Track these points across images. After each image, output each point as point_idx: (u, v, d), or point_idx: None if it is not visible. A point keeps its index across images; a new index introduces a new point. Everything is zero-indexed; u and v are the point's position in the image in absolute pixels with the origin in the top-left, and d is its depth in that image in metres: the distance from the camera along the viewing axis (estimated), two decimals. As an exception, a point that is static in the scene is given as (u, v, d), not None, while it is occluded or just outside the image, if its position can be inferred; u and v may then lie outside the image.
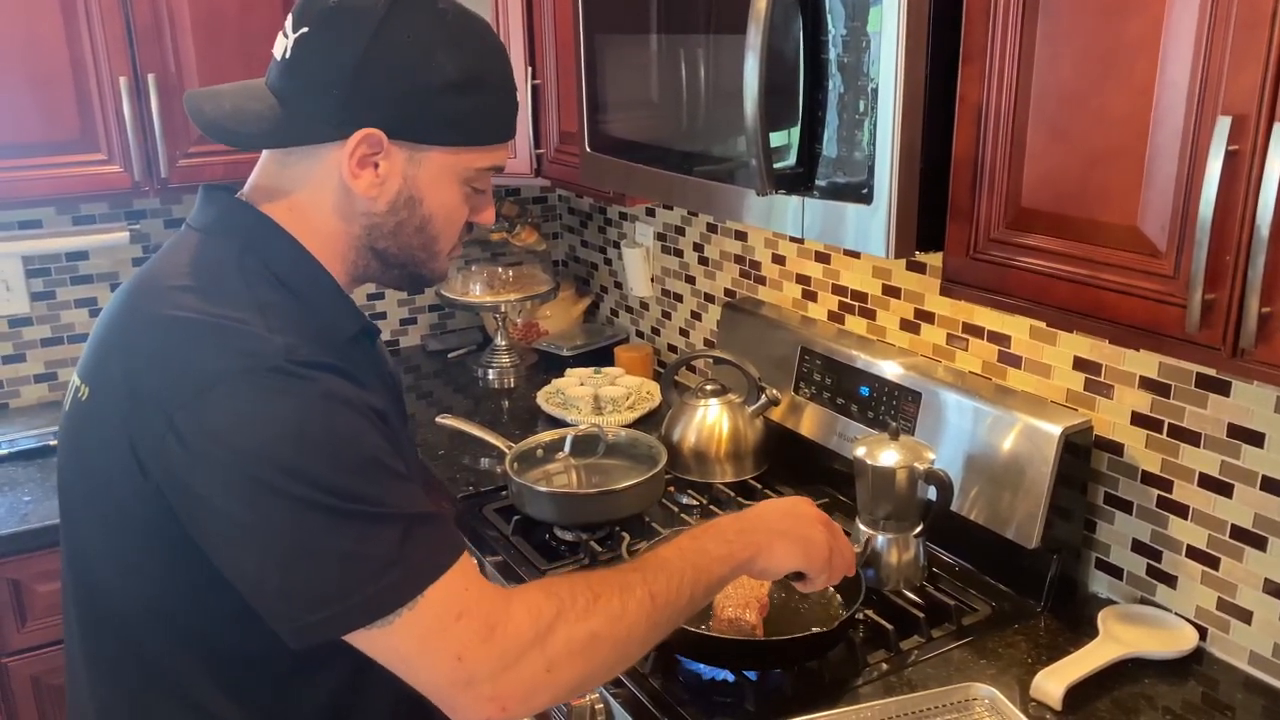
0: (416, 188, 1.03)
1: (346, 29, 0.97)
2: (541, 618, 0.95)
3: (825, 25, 1.29)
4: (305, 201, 1.03)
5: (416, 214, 1.04)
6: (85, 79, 2.05)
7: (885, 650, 1.46)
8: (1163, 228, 1.05)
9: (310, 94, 0.99)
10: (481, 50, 1.03)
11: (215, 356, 0.91)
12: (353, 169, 1.00)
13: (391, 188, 1.02)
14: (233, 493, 0.89)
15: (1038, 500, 1.53)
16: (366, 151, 0.99)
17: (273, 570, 0.90)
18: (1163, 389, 1.48)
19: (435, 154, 1.02)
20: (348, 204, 1.03)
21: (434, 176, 1.03)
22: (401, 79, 0.98)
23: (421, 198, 1.04)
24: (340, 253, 1.05)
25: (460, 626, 0.92)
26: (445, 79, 0.99)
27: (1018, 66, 1.16)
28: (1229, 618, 1.45)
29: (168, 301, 0.96)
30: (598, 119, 1.81)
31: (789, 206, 1.39)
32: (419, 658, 0.92)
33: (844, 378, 1.88)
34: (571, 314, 2.85)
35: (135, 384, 0.93)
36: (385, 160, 1.00)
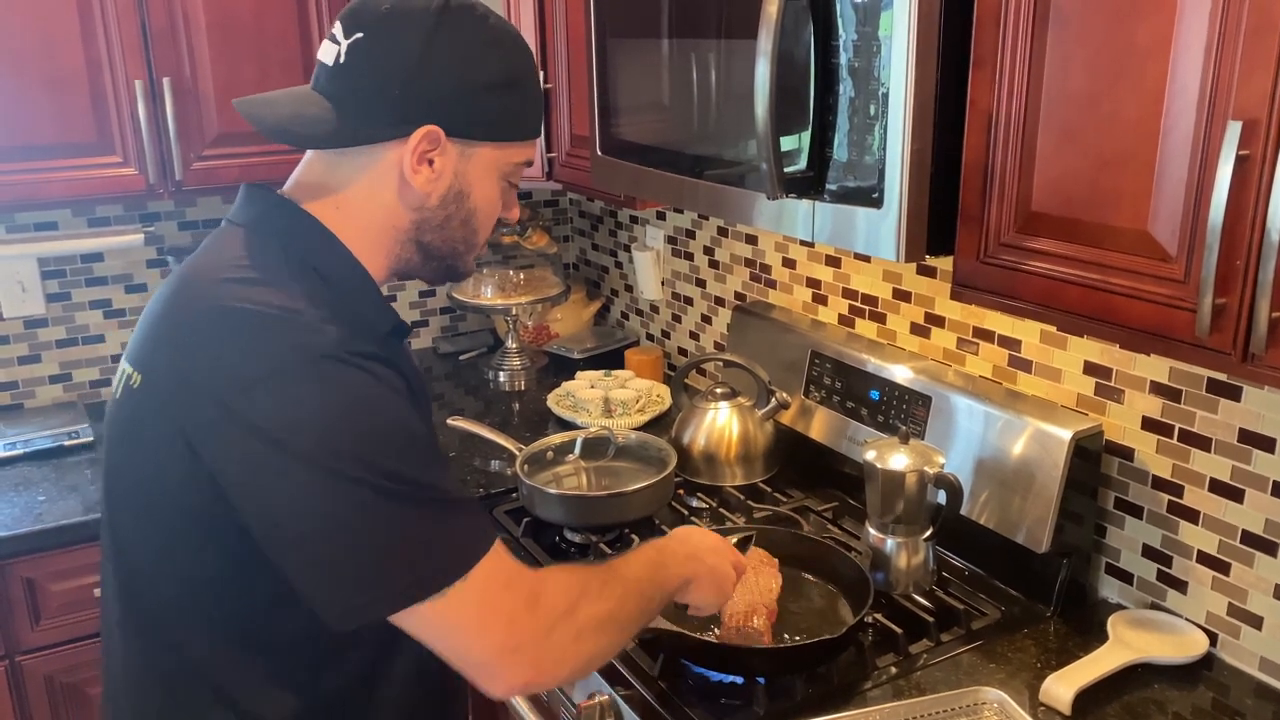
0: (466, 182, 1.09)
1: (401, 33, 1.02)
2: (570, 592, 1.06)
3: (836, 30, 1.30)
4: (354, 199, 1.07)
5: (464, 208, 1.10)
6: (101, 82, 2.07)
7: (894, 654, 1.46)
8: (1173, 232, 1.05)
9: (367, 95, 1.03)
10: (517, 51, 1.09)
11: (271, 346, 0.95)
12: (413, 165, 1.04)
13: (444, 183, 1.07)
14: (288, 477, 0.93)
15: (1048, 505, 1.53)
16: (426, 148, 1.04)
17: (325, 553, 0.94)
18: (1173, 394, 1.48)
19: (483, 149, 1.08)
20: (400, 199, 1.07)
21: (481, 171, 1.09)
22: (454, 78, 1.03)
23: (469, 192, 1.09)
24: (385, 246, 1.09)
25: (509, 595, 1.00)
26: (491, 78, 1.05)
27: (1028, 71, 1.16)
28: (1239, 623, 1.45)
29: (221, 293, 0.99)
30: (609, 123, 1.82)
31: (799, 210, 1.40)
32: (473, 625, 0.98)
33: (854, 381, 1.88)
34: (582, 317, 2.86)
35: (189, 372, 0.96)
36: (440, 156, 1.05)
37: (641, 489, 1.78)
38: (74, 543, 1.97)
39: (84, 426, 2.29)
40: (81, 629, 2.02)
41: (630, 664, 1.45)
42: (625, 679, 1.44)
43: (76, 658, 2.03)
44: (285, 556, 0.96)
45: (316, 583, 0.96)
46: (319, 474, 0.92)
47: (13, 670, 2.00)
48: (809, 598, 1.58)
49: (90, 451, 2.26)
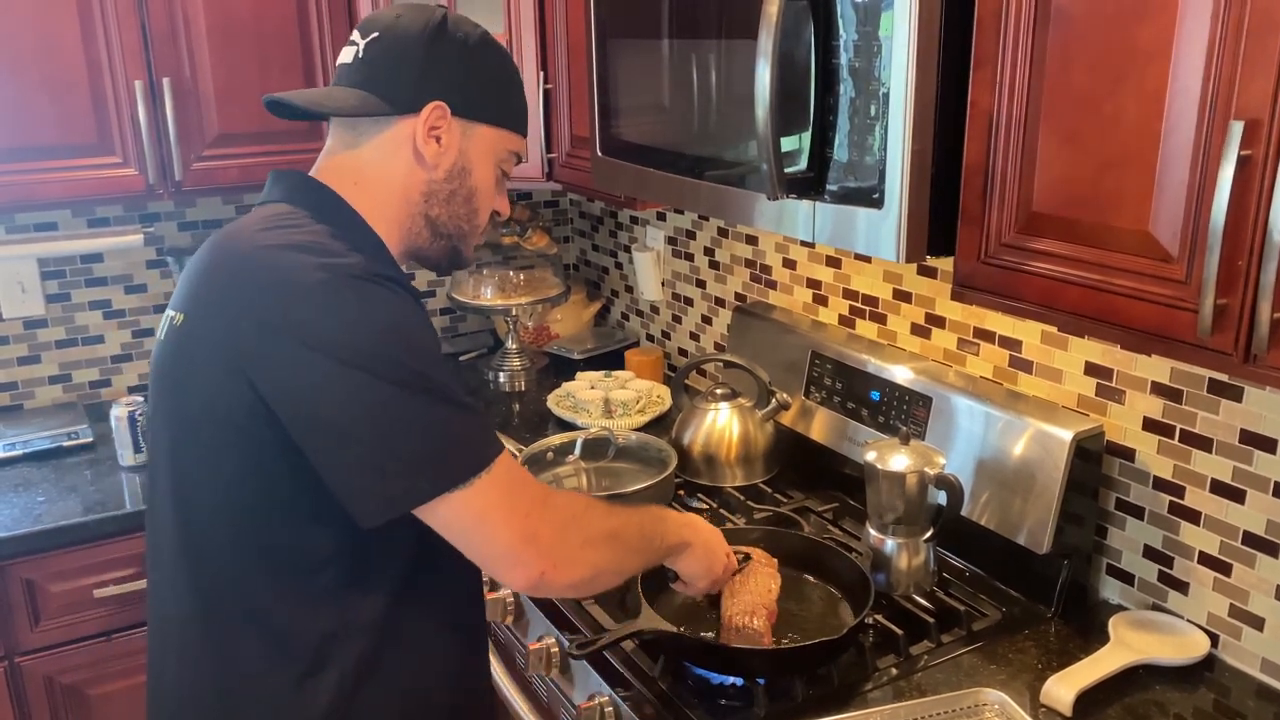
0: (468, 159, 1.22)
1: (414, 24, 1.18)
2: (576, 502, 1.23)
3: (837, 30, 1.29)
4: (371, 173, 1.19)
5: (466, 184, 1.23)
6: (101, 83, 2.06)
7: (895, 655, 1.46)
8: (1175, 233, 1.05)
9: (385, 78, 1.17)
10: (508, 57, 1.26)
11: (304, 271, 1.05)
12: (425, 135, 1.17)
13: (449, 157, 1.20)
14: (328, 378, 1.02)
15: (1048, 505, 1.53)
16: (435, 122, 1.18)
17: (364, 446, 1.03)
18: (1174, 394, 1.47)
19: (483, 130, 1.22)
20: (412, 172, 1.19)
21: (481, 152, 1.23)
22: (462, 63, 1.19)
23: (471, 169, 1.22)
24: (399, 219, 1.21)
25: (525, 491, 1.12)
26: (491, 72, 1.22)
27: (1029, 72, 1.16)
28: (1241, 624, 1.44)
29: (255, 241, 1.10)
30: (609, 123, 1.82)
31: (800, 211, 1.39)
32: (496, 513, 1.08)
33: (854, 382, 1.88)
34: (582, 317, 2.86)
35: (229, 300, 1.07)
36: (447, 133, 1.19)
37: (642, 490, 1.78)
38: (73, 544, 1.97)
39: (83, 427, 2.29)
40: (81, 630, 2.02)
41: (631, 665, 1.45)
42: (626, 680, 1.43)
43: (76, 659, 2.03)
44: (326, 456, 1.04)
45: (355, 476, 1.04)
46: (358, 374, 1.02)
47: (12, 671, 1.99)
48: (809, 599, 1.58)
49: (90, 452, 2.25)
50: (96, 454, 2.25)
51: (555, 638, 1.61)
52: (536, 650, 1.61)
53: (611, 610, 1.60)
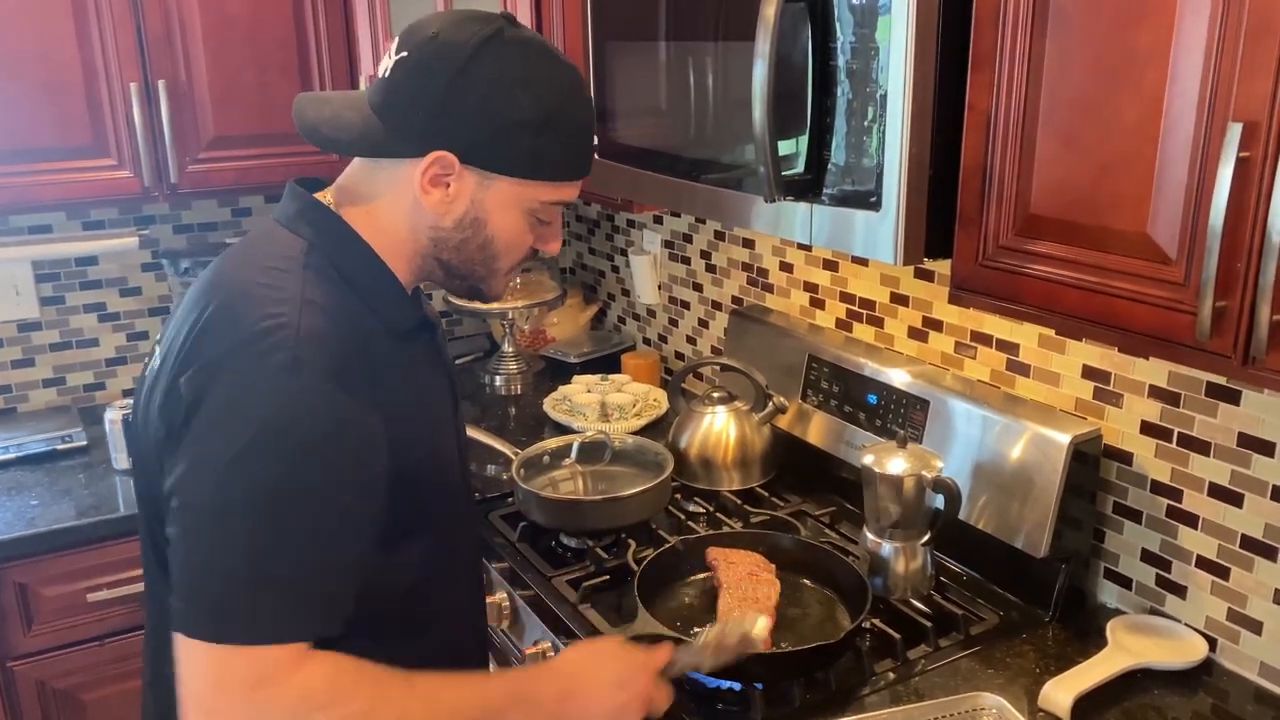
0: (483, 210, 1.12)
1: (438, 60, 1.06)
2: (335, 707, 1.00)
3: (834, 32, 1.29)
4: (382, 208, 1.12)
5: (480, 234, 1.13)
6: (96, 85, 2.06)
7: (892, 659, 1.46)
8: (1173, 235, 1.04)
9: (399, 112, 1.07)
10: (561, 94, 1.10)
11: (227, 343, 1.01)
12: (424, 185, 1.09)
13: (459, 207, 1.11)
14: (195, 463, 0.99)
15: (1046, 509, 1.52)
16: (439, 171, 1.08)
17: (182, 547, 0.99)
18: (1172, 398, 1.47)
19: (503, 183, 1.10)
20: (418, 215, 1.11)
21: (500, 203, 1.12)
22: (480, 111, 1.06)
23: (486, 220, 1.12)
24: (407, 256, 1.14)
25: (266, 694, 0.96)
26: (521, 117, 1.07)
27: (1027, 74, 1.15)
28: (1239, 628, 1.44)
29: (224, 288, 1.07)
30: (606, 126, 1.82)
31: (797, 213, 1.39)
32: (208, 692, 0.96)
33: (852, 385, 1.88)
34: (579, 321, 2.85)
35: (170, 351, 1.06)
36: (456, 181, 1.09)
37: (638, 494, 1.77)
38: (67, 547, 1.97)
39: (77, 430, 2.28)
40: (74, 634, 2.01)
41: (627, 669, 1.44)
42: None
43: (69, 664, 2.02)
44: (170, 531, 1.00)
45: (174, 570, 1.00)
46: (218, 473, 0.97)
47: (4, 676, 1.98)
48: (807, 603, 1.58)
49: (84, 456, 2.25)
50: (90, 457, 2.24)
51: (551, 642, 1.60)
52: (533, 654, 1.61)
53: (608, 614, 1.59)
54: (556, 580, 1.70)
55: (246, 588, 0.96)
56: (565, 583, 1.69)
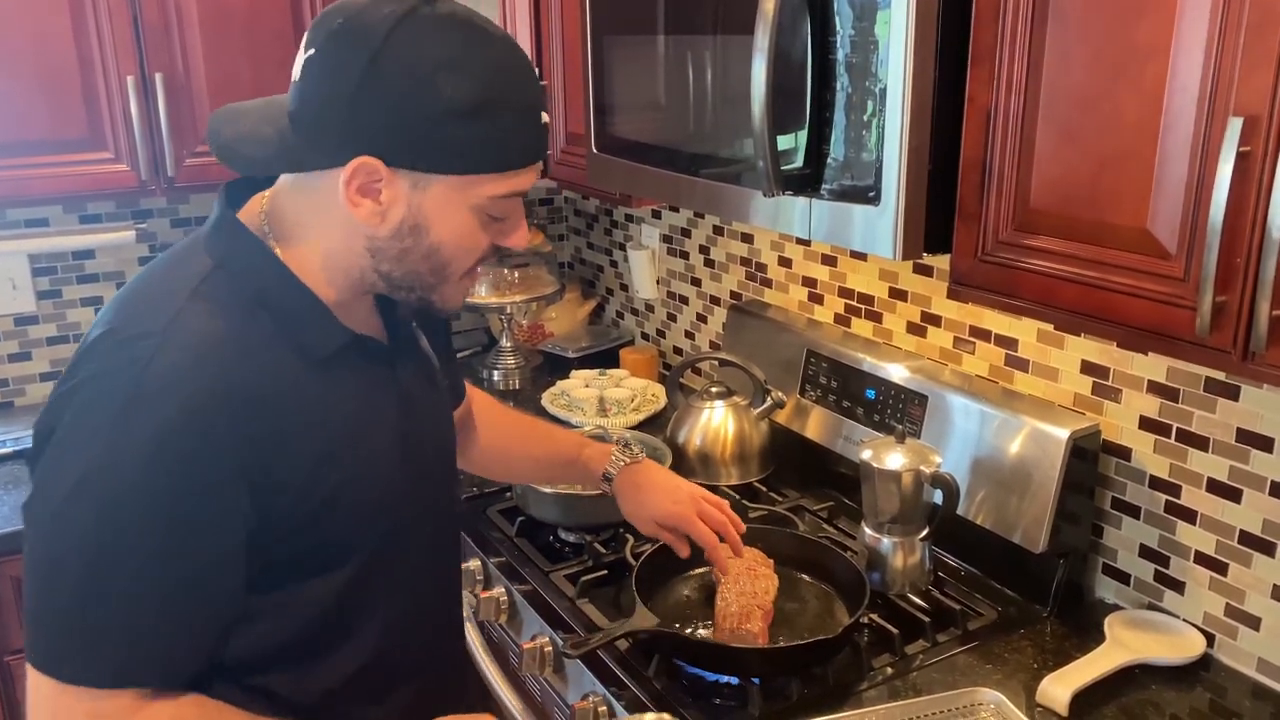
0: (422, 215, 0.99)
1: (347, 52, 0.93)
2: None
3: (833, 26, 1.29)
4: (309, 219, 1.02)
5: (422, 242, 1.01)
6: (93, 78, 2.05)
7: (890, 654, 1.46)
8: (1173, 230, 1.04)
9: (313, 118, 0.96)
10: (496, 72, 0.96)
11: (87, 371, 0.95)
12: (351, 197, 0.97)
13: (395, 215, 0.99)
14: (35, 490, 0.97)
15: (1045, 505, 1.52)
16: (365, 180, 0.96)
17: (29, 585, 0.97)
18: (1171, 393, 1.47)
19: (440, 182, 0.98)
20: (350, 228, 1.00)
21: (441, 204, 0.99)
22: (401, 105, 0.93)
23: (428, 225, 1.00)
24: (342, 269, 1.03)
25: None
26: (449, 106, 0.93)
27: (1027, 69, 1.15)
28: (1237, 624, 1.44)
29: (117, 308, 1.01)
30: (604, 120, 1.81)
31: (796, 208, 1.39)
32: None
33: (850, 380, 1.87)
34: (577, 316, 2.85)
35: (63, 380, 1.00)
36: (386, 188, 0.97)
37: (636, 488, 1.77)
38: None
39: (75, 425, 2.27)
40: (71, 629, 2.01)
41: (625, 664, 1.44)
42: (620, 679, 1.43)
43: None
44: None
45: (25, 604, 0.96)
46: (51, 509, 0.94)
47: (1, 671, 1.98)
48: (804, 598, 1.58)
49: (81, 450, 2.24)
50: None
51: (549, 637, 1.60)
52: (530, 649, 1.60)
53: (606, 609, 1.59)
54: (554, 575, 1.70)
55: (80, 630, 0.92)
56: (563, 577, 1.69)
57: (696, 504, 1.46)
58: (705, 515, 1.45)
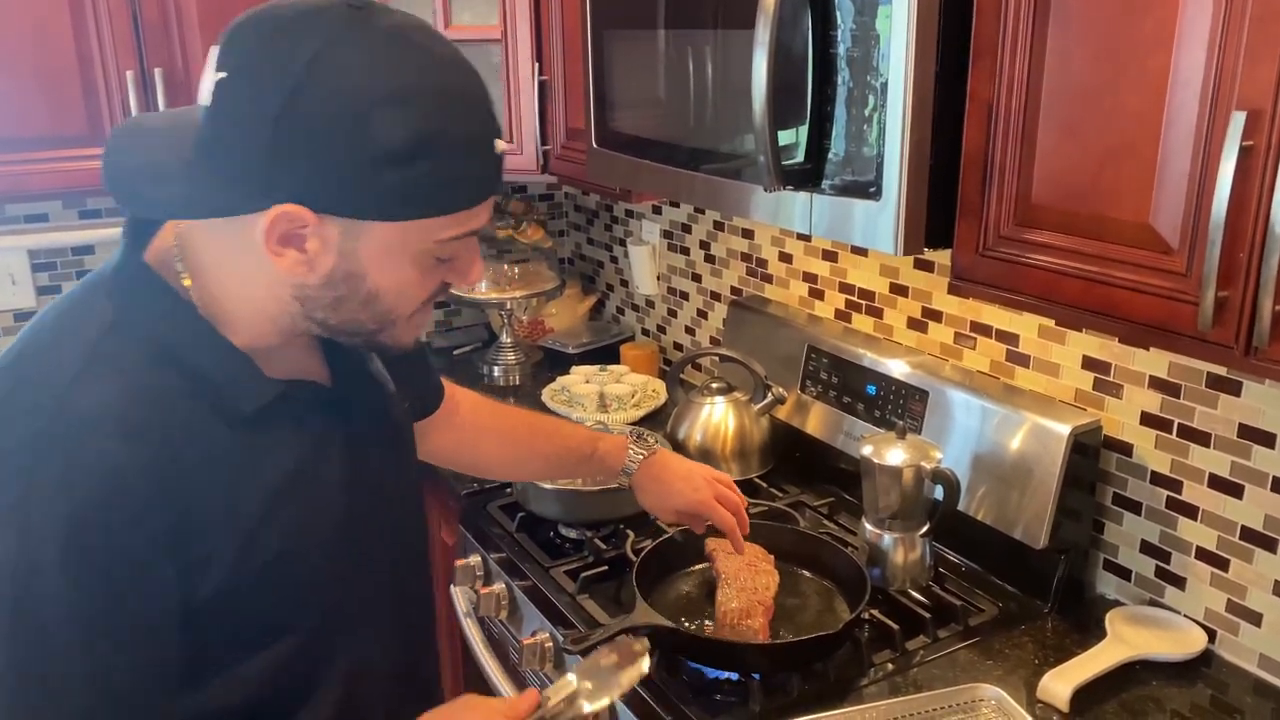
0: (357, 263, 0.87)
1: (265, 80, 0.80)
2: None
3: (834, 20, 1.28)
4: (227, 263, 0.90)
5: (359, 290, 0.89)
6: (92, 73, 2.05)
7: (891, 650, 1.45)
8: (1175, 224, 1.04)
9: (225, 157, 0.83)
10: (439, 104, 0.83)
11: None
12: (272, 248, 0.84)
13: (324, 265, 0.86)
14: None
15: (1045, 500, 1.52)
16: (288, 228, 0.84)
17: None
18: (1173, 389, 1.47)
19: (378, 229, 0.85)
20: (274, 274, 0.87)
21: (379, 252, 0.87)
22: (328, 148, 0.81)
23: (364, 273, 0.88)
24: (268, 315, 0.92)
25: None
26: (384, 148, 0.81)
27: (1029, 63, 1.15)
28: (1238, 620, 1.44)
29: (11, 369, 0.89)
30: (605, 115, 1.81)
31: (797, 203, 1.38)
32: None
33: (851, 376, 1.87)
34: (577, 311, 2.84)
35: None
36: (314, 238, 0.85)
37: (637, 484, 1.77)
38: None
39: (75, 421, 2.27)
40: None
41: (625, 660, 1.44)
42: (620, 675, 1.42)
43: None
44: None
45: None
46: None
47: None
48: (805, 594, 1.57)
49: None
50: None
51: (549, 632, 1.60)
52: (530, 645, 1.60)
53: (606, 605, 1.59)
54: (555, 571, 1.69)
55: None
56: (563, 573, 1.68)
57: (714, 488, 1.48)
58: (722, 499, 1.48)
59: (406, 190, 0.83)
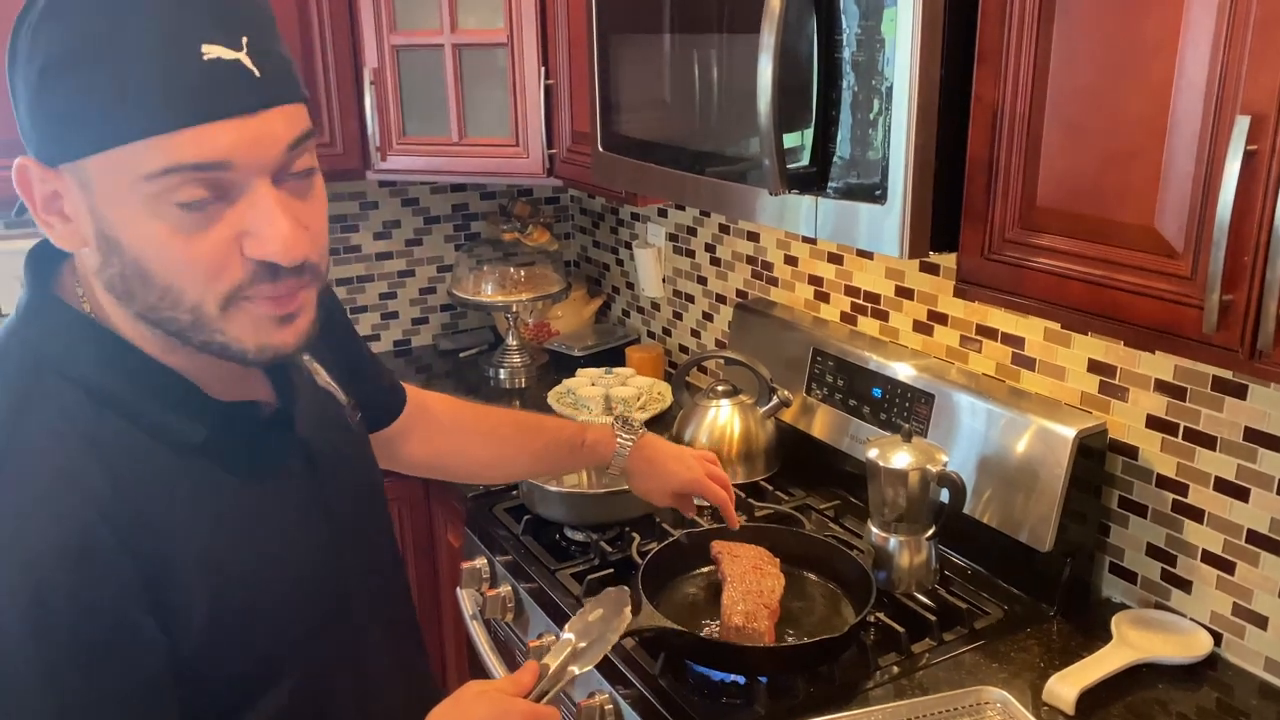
0: (107, 224, 0.76)
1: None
2: None
3: (839, 24, 1.29)
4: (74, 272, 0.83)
5: (124, 258, 0.77)
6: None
7: (896, 653, 1.45)
8: (1180, 228, 1.04)
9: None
10: (106, 4, 0.72)
11: None
12: (40, 217, 0.78)
13: (87, 230, 0.77)
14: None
15: (1051, 503, 1.52)
16: (43, 190, 0.77)
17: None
18: (1178, 392, 1.47)
19: (95, 169, 0.75)
20: (82, 265, 0.81)
21: (108, 197, 0.75)
22: (14, 79, 0.75)
23: (118, 238, 0.76)
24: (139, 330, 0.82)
25: None
26: (45, 61, 0.72)
27: (1033, 66, 1.15)
28: (1244, 623, 1.44)
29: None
30: (610, 118, 1.81)
31: (802, 206, 1.39)
32: None
33: (856, 379, 1.87)
34: (583, 314, 2.85)
35: None
36: (66, 195, 0.77)
37: (642, 487, 1.77)
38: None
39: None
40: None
41: (631, 663, 1.44)
42: (626, 678, 1.43)
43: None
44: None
45: None
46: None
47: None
48: (811, 597, 1.57)
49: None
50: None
51: (555, 635, 1.60)
52: (536, 647, 1.61)
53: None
54: (560, 573, 1.70)
55: None
56: (569, 576, 1.69)
57: (704, 466, 1.50)
58: (713, 475, 1.50)
59: (80, 108, 0.72)
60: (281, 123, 0.77)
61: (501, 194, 2.85)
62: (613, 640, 1.12)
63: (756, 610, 1.42)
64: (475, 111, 2.26)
